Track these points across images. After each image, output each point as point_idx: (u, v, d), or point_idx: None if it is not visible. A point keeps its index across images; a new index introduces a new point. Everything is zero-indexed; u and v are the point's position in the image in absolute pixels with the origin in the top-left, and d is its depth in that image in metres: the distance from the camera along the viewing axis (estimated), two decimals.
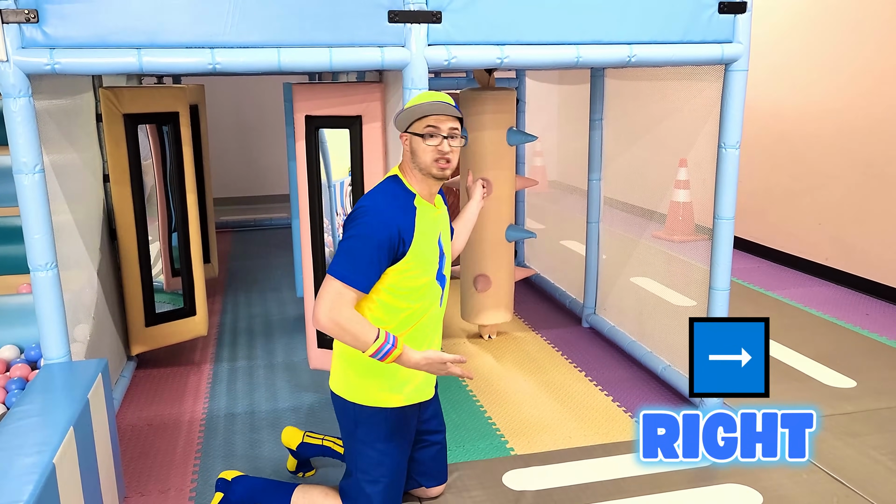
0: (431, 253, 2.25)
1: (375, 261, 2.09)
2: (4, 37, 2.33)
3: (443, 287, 2.36)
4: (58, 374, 2.47)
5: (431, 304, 2.32)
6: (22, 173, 2.41)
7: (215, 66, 2.49)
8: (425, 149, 2.17)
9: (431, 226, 2.26)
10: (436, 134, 2.16)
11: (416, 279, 2.22)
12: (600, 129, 4.24)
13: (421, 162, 2.19)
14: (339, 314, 2.06)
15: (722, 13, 2.91)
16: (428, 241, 2.23)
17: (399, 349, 2.09)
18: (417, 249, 2.18)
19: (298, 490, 2.47)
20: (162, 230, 4.07)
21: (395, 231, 2.10)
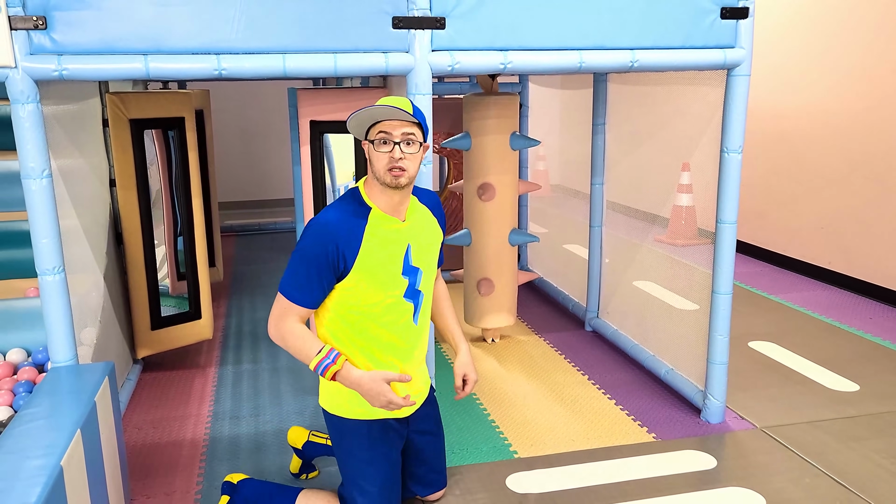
0: (386, 270, 2.12)
1: (314, 277, 2.08)
2: (13, 43, 2.35)
3: (417, 304, 2.22)
4: (65, 377, 2.49)
5: (398, 322, 2.20)
6: (30, 178, 2.44)
7: (221, 72, 2.52)
8: (378, 156, 2.06)
9: (390, 242, 2.14)
10: (388, 140, 2.04)
11: (368, 297, 2.12)
12: (603, 134, 4.25)
13: (375, 171, 2.08)
14: (283, 327, 2.12)
15: (724, 18, 2.93)
16: (381, 257, 2.11)
17: (338, 366, 2.08)
18: (365, 266, 2.09)
19: (302, 495, 2.48)
20: (168, 234, 4.10)
21: (331, 248, 2.05)
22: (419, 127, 2.10)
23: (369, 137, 2.10)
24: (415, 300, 2.22)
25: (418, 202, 2.27)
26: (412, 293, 2.20)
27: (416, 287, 2.20)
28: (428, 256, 2.23)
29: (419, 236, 2.21)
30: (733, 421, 3.36)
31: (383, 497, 2.33)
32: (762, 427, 3.30)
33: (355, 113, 2.05)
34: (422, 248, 2.21)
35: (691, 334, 3.50)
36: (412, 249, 2.18)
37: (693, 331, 3.48)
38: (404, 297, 2.18)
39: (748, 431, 3.27)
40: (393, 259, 2.14)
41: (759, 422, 3.35)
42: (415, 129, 2.07)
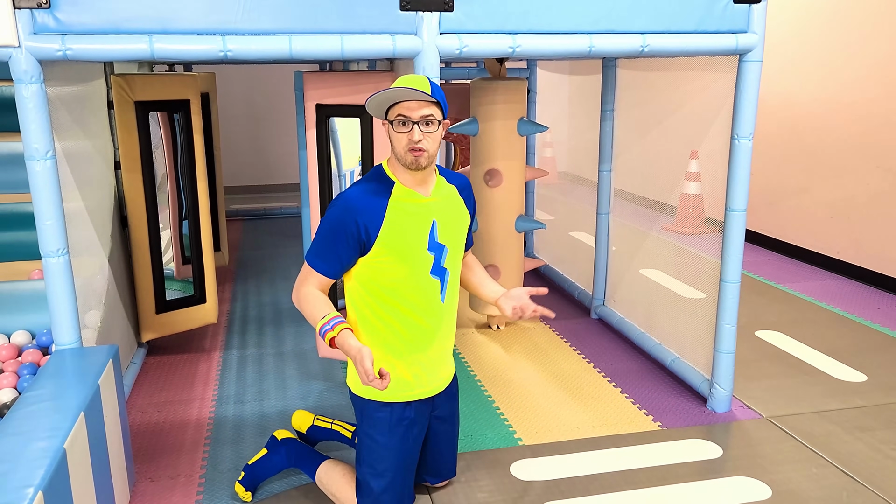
0: (410, 244, 2.14)
1: (333, 247, 2.12)
2: (16, 22, 2.33)
3: (443, 281, 2.23)
4: (69, 360, 2.49)
5: (425, 299, 2.21)
6: (34, 159, 2.42)
7: (227, 54, 2.49)
8: (397, 137, 2.08)
9: (414, 216, 2.15)
10: (406, 121, 2.05)
11: (394, 272, 2.15)
12: (611, 120, 4.21)
13: (396, 151, 2.11)
14: (301, 291, 2.19)
15: (737, 3, 2.88)
16: (405, 231, 2.13)
17: (334, 332, 2.07)
18: (388, 240, 2.11)
19: (325, 463, 2.55)
20: (173, 218, 4.09)
21: (353, 223, 2.08)
22: (437, 105, 2.09)
23: (388, 118, 2.11)
24: (441, 277, 2.21)
25: (446, 182, 2.27)
26: (438, 270, 2.20)
27: (441, 264, 2.20)
28: (454, 235, 2.23)
29: (445, 213, 2.22)
30: (739, 410, 3.34)
31: (396, 483, 2.34)
32: (768, 416, 3.28)
33: (373, 95, 2.05)
34: (448, 225, 2.21)
35: (698, 323, 3.48)
36: (438, 225, 2.18)
37: (700, 319, 3.46)
38: (430, 274, 2.19)
39: (754, 421, 3.25)
40: (418, 233, 2.16)
41: (765, 411, 3.33)
42: (433, 109, 2.07)
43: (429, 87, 2.06)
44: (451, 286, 2.27)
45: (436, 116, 2.08)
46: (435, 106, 2.08)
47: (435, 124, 2.08)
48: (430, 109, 2.06)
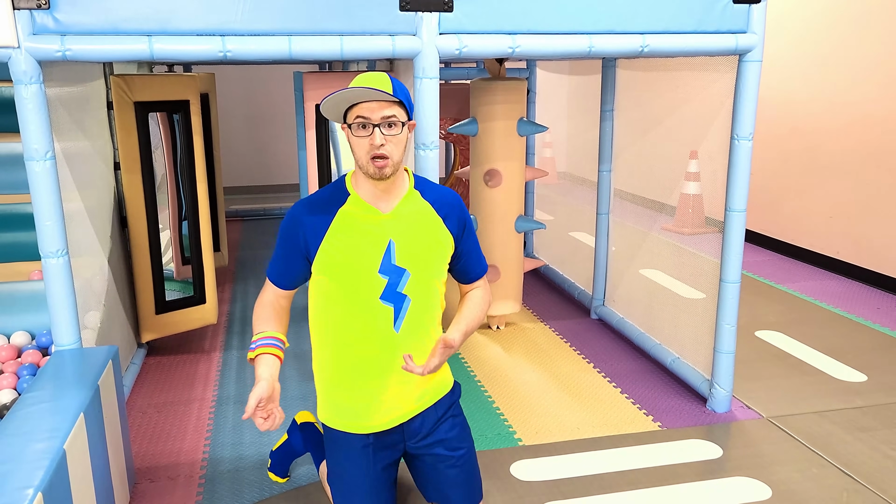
0: (354, 265, 1.91)
1: (283, 258, 2.03)
2: (16, 23, 2.32)
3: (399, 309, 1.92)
4: (69, 361, 2.49)
5: (371, 326, 1.94)
6: (33, 160, 2.42)
7: (226, 54, 2.49)
8: (357, 142, 1.84)
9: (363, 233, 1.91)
10: (366, 124, 1.81)
11: (335, 292, 1.93)
12: (611, 121, 4.21)
13: (357, 159, 1.86)
14: (259, 300, 2.14)
15: (736, 3, 2.88)
16: (349, 249, 1.90)
17: (252, 354, 1.97)
18: (327, 256, 1.91)
19: None
20: (172, 218, 4.08)
21: (298, 233, 1.95)
22: (401, 105, 1.86)
23: (346, 122, 1.88)
24: (396, 304, 1.92)
25: (419, 196, 1.98)
26: (392, 295, 1.92)
27: (398, 289, 1.92)
28: (421, 258, 1.94)
29: (407, 233, 1.93)
30: (739, 410, 3.34)
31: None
32: (769, 417, 3.28)
33: (328, 97, 1.82)
34: (410, 246, 1.93)
35: (698, 323, 3.48)
36: (396, 246, 1.91)
37: (700, 320, 3.46)
38: (381, 299, 1.91)
39: (755, 421, 3.25)
40: (365, 253, 1.91)
41: (765, 412, 3.33)
42: (395, 109, 1.83)
43: (390, 86, 1.84)
44: (413, 315, 1.95)
45: (399, 117, 1.85)
46: (397, 106, 1.85)
47: (398, 126, 1.84)
48: (393, 110, 1.83)
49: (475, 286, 2.09)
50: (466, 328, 2.02)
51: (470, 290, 2.10)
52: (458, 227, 2.00)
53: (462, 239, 2.01)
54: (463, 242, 2.01)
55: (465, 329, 2.02)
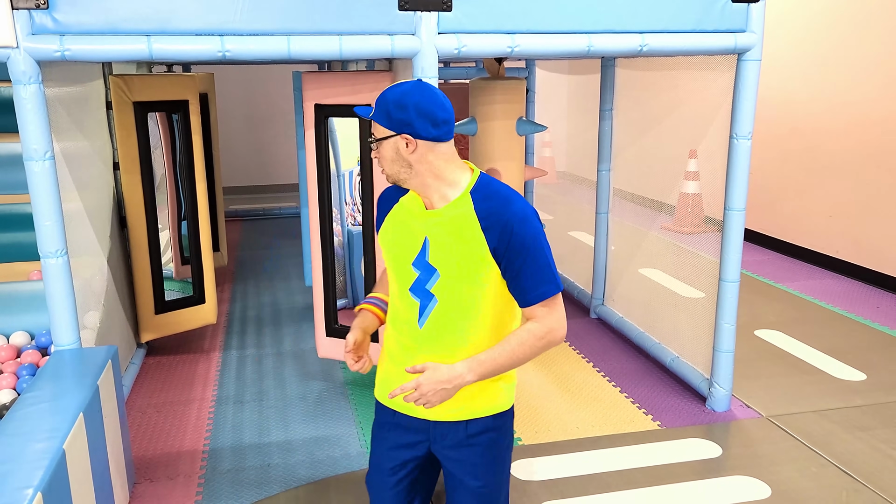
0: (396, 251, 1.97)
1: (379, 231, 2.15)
2: (14, 23, 2.32)
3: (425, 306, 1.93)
4: (68, 361, 2.49)
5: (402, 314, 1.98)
6: (32, 160, 2.42)
7: (225, 54, 2.49)
8: None
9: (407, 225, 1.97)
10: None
11: (388, 270, 2.05)
12: (610, 120, 4.21)
13: None
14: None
15: (735, 2, 2.88)
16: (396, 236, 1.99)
17: (357, 308, 2.11)
18: (384, 234, 2.04)
19: None
20: (172, 218, 4.09)
21: (380, 210, 2.11)
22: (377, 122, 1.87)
23: None
24: (422, 300, 1.94)
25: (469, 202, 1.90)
26: (419, 291, 1.94)
27: (426, 287, 1.93)
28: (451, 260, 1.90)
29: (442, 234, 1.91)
30: (739, 409, 3.34)
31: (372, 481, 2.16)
32: (768, 416, 3.28)
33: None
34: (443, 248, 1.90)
35: (697, 322, 3.48)
36: (430, 244, 1.92)
37: (699, 319, 3.46)
38: (409, 291, 1.96)
39: (754, 420, 3.25)
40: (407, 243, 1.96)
41: (765, 411, 3.33)
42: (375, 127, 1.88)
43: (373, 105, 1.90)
44: (438, 316, 1.92)
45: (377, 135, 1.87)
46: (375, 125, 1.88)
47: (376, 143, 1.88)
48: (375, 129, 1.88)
49: (533, 314, 1.92)
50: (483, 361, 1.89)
51: (528, 318, 1.95)
52: (500, 242, 1.86)
53: (506, 256, 1.87)
54: (507, 259, 1.87)
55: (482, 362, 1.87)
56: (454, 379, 1.83)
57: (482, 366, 1.86)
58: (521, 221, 1.86)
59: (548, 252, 1.88)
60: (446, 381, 1.82)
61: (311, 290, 3.84)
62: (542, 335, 1.88)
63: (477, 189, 1.92)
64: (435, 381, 1.82)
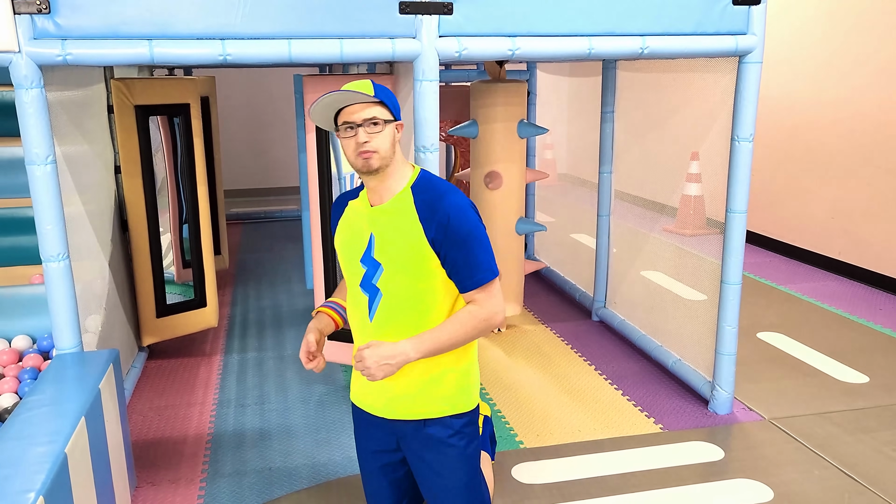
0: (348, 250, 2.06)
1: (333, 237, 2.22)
2: (16, 28, 2.33)
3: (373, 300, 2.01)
4: (70, 364, 2.49)
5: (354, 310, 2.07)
6: (34, 164, 2.42)
7: (226, 58, 2.49)
8: (346, 143, 1.95)
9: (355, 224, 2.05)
10: (352, 126, 1.93)
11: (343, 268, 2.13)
12: (611, 122, 4.21)
13: (348, 157, 1.97)
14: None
15: (736, 4, 2.88)
16: (346, 236, 2.08)
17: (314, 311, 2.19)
18: (337, 242, 2.13)
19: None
20: (173, 222, 4.09)
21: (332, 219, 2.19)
22: (383, 105, 1.96)
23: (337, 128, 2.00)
24: (370, 294, 2.01)
25: (409, 196, 2.00)
26: (367, 286, 2.02)
27: (372, 281, 2.01)
28: (395, 255, 1.98)
29: (386, 229, 1.99)
30: (741, 412, 3.34)
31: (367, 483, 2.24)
32: (770, 418, 3.28)
33: (313, 104, 1.94)
34: (387, 242, 1.99)
35: (699, 325, 3.47)
36: (375, 240, 2.00)
37: (701, 321, 3.46)
38: (359, 287, 2.04)
39: (756, 423, 3.24)
40: (355, 241, 2.06)
41: (767, 413, 3.32)
42: (377, 110, 1.94)
43: (371, 89, 1.95)
44: (385, 310, 2.00)
45: (381, 116, 1.94)
46: (379, 106, 1.95)
47: (381, 124, 1.94)
48: (374, 110, 1.94)
49: (472, 299, 2.00)
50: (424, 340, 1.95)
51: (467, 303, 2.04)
52: (438, 233, 1.95)
53: (444, 245, 1.96)
54: (445, 249, 1.96)
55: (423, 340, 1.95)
56: (397, 355, 1.92)
57: (424, 343, 1.96)
58: (457, 212, 1.97)
59: (485, 241, 2.00)
60: (389, 356, 1.91)
61: (313, 292, 3.84)
62: (483, 318, 1.99)
63: (417, 184, 2.03)
64: (378, 356, 1.91)
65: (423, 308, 2.01)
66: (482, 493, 2.19)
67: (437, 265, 1.98)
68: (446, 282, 2.00)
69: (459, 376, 2.07)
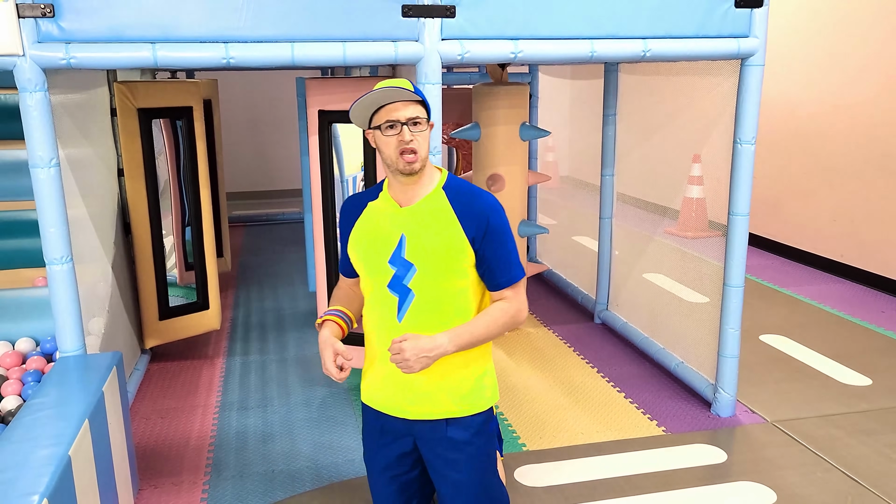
0: (371, 250, 2.03)
1: (341, 246, 2.16)
2: (21, 31, 2.34)
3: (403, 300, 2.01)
4: (73, 367, 2.49)
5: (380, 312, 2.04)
6: (38, 167, 2.43)
7: (229, 61, 2.50)
8: (386, 141, 1.93)
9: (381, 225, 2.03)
10: (394, 123, 1.91)
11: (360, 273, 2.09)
12: (613, 125, 4.22)
13: (386, 158, 1.95)
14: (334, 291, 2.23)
15: (738, 7, 2.88)
16: (368, 239, 2.03)
17: (319, 320, 2.10)
18: (355, 240, 2.08)
19: None
20: (175, 224, 4.09)
21: (344, 222, 2.13)
22: (423, 105, 1.98)
23: (373, 125, 1.97)
24: (400, 295, 2.02)
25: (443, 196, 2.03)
26: (397, 286, 2.01)
27: (403, 282, 2.01)
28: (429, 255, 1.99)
29: (419, 229, 2.00)
30: (744, 415, 3.34)
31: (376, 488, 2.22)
32: (773, 421, 3.27)
33: (357, 101, 1.92)
34: (421, 242, 1.99)
35: (702, 327, 3.47)
36: (407, 241, 2.00)
37: (703, 324, 3.45)
38: (388, 287, 2.02)
39: (759, 425, 3.24)
40: (381, 243, 2.03)
41: (770, 416, 3.32)
42: (419, 109, 1.95)
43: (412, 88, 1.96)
44: (417, 310, 2.01)
45: (422, 116, 1.95)
46: (420, 105, 1.96)
47: (423, 124, 1.95)
48: (417, 110, 1.94)
49: (502, 296, 2.06)
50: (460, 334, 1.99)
51: (497, 300, 2.09)
52: (478, 231, 2.00)
53: (483, 243, 2.01)
54: (484, 247, 2.01)
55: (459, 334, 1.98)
56: (436, 348, 1.94)
57: (460, 337, 1.99)
58: (495, 212, 2.04)
59: (514, 241, 2.06)
60: (428, 349, 1.93)
61: (315, 295, 3.84)
62: (512, 314, 2.04)
63: (448, 185, 2.07)
64: (418, 348, 1.92)
65: (452, 308, 2.04)
66: (502, 488, 2.21)
67: (470, 265, 2.02)
68: (474, 281, 2.04)
69: (480, 374, 2.10)
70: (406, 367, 1.91)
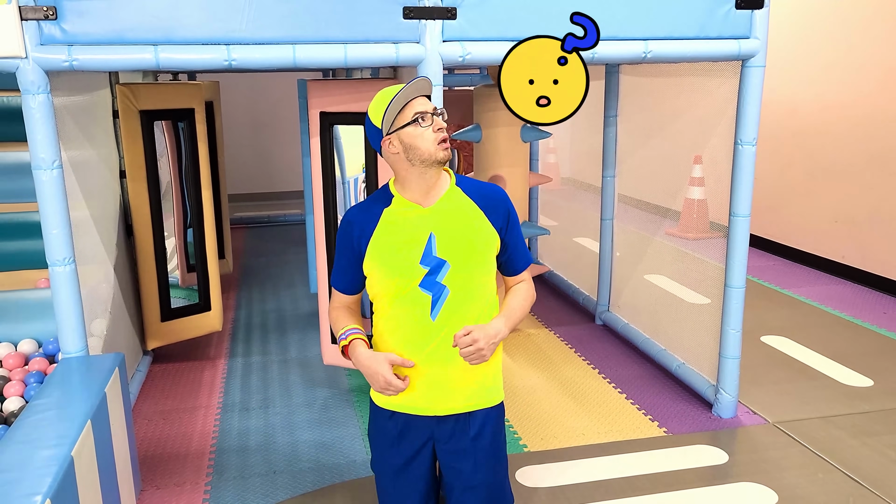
0: (399, 254, 2.02)
1: (341, 263, 2.13)
2: (23, 34, 2.34)
3: (437, 298, 2.03)
4: (75, 368, 2.50)
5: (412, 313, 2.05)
6: (40, 169, 2.44)
7: (231, 63, 2.50)
8: (422, 134, 1.95)
9: (407, 227, 2.04)
10: (426, 115, 1.95)
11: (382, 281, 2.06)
12: (615, 126, 4.22)
13: (423, 151, 1.96)
14: (330, 312, 2.20)
15: (739, 8, 2.89)
16: (396, 240, 2.03)
17: (346, 341, 2.08)
18: (376, 250, 2.04)
19: None
20: (177, 226, 4.10)
21: (353, 232, 2.08)
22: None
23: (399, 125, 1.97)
24: (434, 293, 2.04)
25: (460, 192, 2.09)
26: (430, 284, 2.03)
27: (436, 279, 2.03)
28: (462, 250, 2.03)
29: (447, 226, 2.04)
30: (745, 416, 3.34)
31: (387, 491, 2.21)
32: (774, 422, 3.27)
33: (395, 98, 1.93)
34: (451, 239, 2.03)
35: (703, 328, 3.47)
36: (437, 239, 2.03)
37: (705, 325, 3.46)
38: (420, 287, 2.04)
39: (760, 426, 3.24)
40: (409, 244, 2.04)
41: (771, 417, 3.32)
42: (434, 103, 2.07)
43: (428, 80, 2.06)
44: (451, 306, 2.04)
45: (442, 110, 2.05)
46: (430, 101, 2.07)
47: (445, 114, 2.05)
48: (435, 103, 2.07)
49: (520, 279, 2.17)
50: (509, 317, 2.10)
51: (515, 284, 2.18)
52: (503, 221, 2.09)
53: (507, 232, 2.10)
54: (508, 235, 2.10)
55: (509, 317, 2.08)
56: (499, 333, 2.01)
57: (510, 320, 2.07)
58: (509, 201, 2.15)
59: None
60: (494, 335, 2.00)
61: (317, 296, 3.84)
62: (532, 294, 2.17)
63: (460, 182, 2.13)
64: (489, 336, 1.98)
65: (483, 299, 2.10)
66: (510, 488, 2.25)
67: (494, 255, 2.10)
68: (493, 271, 2.12)
69: (496, 367, 2.14)
70: (479, 357, 1.95)
